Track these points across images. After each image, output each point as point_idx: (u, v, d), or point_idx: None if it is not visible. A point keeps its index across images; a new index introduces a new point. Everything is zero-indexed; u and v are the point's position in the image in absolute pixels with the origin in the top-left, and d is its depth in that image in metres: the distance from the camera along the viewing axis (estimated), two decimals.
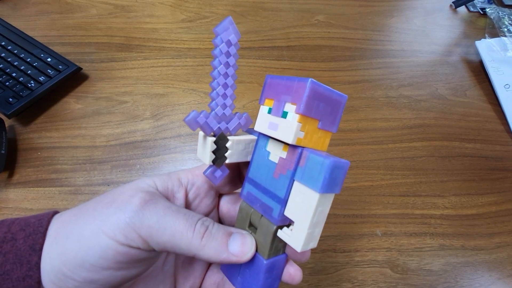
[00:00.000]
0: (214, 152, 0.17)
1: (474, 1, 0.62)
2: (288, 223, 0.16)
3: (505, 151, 0.44)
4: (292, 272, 0.17)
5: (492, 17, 0.60)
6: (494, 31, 0.58)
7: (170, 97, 0.44)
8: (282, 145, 0.16)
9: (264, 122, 0.16)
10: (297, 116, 0.14)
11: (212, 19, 0.54)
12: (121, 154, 0.39)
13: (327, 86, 0.15)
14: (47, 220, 0.16)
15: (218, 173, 0.17)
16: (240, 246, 0.15)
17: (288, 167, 0.15)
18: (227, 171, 0.18)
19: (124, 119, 0.42)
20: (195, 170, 0.19)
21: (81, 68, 0.45)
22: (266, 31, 0.54)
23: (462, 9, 0.63)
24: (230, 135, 0.17)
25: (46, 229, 0.16)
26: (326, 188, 0.13)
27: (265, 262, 0.16)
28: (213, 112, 0.17)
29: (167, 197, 0.17)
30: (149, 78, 0.46)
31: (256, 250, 0.16)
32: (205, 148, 0.17)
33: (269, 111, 0.16)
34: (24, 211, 0.34)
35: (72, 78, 0.44)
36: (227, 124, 0.17)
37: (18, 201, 0.35)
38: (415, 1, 0.64)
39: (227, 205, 0.21)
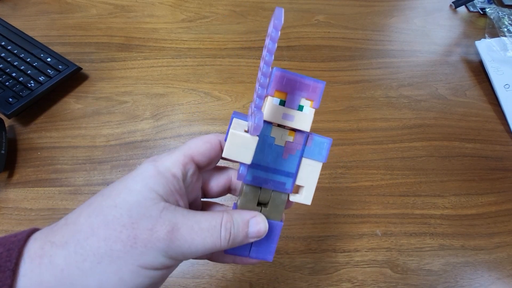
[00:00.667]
0: None
1: (474, 1, 0.62)
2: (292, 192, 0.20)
3: (505, 151, 0.44)
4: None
5: (492, 17, 0.60)
6: (494, 31, 0.58)
7: (170, 97, 0.44)
8: (287, 131, 0.19)
9: (276, 113, 0.18)
10: (313, 111, 0.18)
11: (212, 19, 0.54)
12: (121, 154, 0.39)
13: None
14: (17, 251, 0.13)
15: (244, 170, 0.18)
16: (257, 227, 0.17)
17: (296, 148, 0.19)
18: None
19: (124, 119, 0.42)
20: (180, 157, 0.17)
21: (81, 68, 0.45)
22: (266, 31, 0.54)
23: (462, 9, 0.63)
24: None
25: (17, 264, 0.13)
26: (326, 158, 0.19)
27: (282, 223, 0.20)
28: (261, 109, 0.17)
29: (176, 203, 0.16)
30: (149, 78, 0.46)
31: (269, 219, 0.19)
32: (249, 147, 0.17)
33: (282, 103, 0.18)
34: (24, 211, 0.34)
35: (72, 78, 0.44)
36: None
37: (18, 201, 0.35)
38: (415, 1, 0.64)
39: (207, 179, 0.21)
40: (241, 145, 0.17)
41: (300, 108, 0.18)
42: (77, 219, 0.15)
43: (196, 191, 0.19)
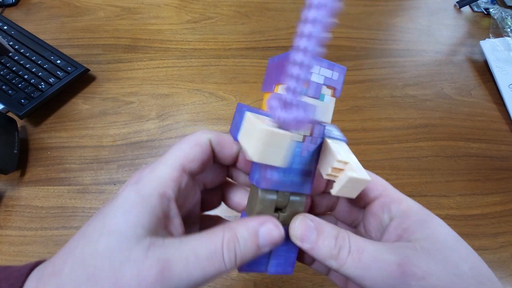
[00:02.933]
0: None
1: (478, 1, 0.62)
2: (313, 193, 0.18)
3: (510, 151, 0.44)
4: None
5: (495, 17, 0.60)
6: (498, 31, 0.58)
7: (175, 97, 0.45)
8: None
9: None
10: (334, 100, 0.16)
11: (217, 20, 0.55)
12: (127, 153, 0.40)
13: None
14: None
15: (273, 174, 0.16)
16: (270, 237, 0.15)
17: (313, 143, 0.16)
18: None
19: (130, 119, 0.43)
20: (167, 172, 0.15)
21: (89, 70, 0.45)
22: (270, 31, 0.54)
23: (466, 9, 0.62)
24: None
25: None
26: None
27: None
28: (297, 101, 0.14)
29: (166, 230, 0.14)
30: (155, 79, 0.47)
31: (286, 225, 0.17)
32: (283, 147, 0.14)
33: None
34: (35, 209, 0.35)
35: (80, 79, 0.45)
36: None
37: (29, 199, 0.36)
38: (419, 0, 0.63)
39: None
40: (273, 145, 0.13)
41: (322, 97, 0.16)
42: (62, 270, 0.13)
43: (195, 199, 0.18)
